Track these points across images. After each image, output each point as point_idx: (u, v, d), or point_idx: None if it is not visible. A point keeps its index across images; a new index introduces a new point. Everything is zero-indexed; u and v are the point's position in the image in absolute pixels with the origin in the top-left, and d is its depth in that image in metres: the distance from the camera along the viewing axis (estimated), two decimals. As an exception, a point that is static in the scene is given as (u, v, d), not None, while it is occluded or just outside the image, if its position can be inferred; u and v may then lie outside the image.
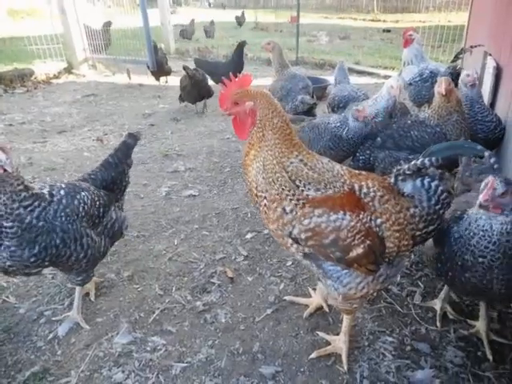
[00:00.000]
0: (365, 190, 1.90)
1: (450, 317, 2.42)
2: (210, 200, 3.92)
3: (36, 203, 2.03)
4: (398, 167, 1.99)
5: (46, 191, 2.16)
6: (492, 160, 1.95)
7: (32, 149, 5.09)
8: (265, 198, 1.87)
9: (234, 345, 2.29)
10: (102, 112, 6.53)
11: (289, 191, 1.82)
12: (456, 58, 5.06)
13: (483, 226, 1.80)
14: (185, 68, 6.03)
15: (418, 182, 1.93)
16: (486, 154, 1.94)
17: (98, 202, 2.36)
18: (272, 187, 1.85)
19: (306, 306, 2.56)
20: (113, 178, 2.59)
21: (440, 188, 1.92)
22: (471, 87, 3.58)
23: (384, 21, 18.32)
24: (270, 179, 1.85)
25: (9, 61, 8.74)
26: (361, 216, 1.83)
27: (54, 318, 2.46)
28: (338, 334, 2.28)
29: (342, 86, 4.92)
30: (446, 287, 2.47)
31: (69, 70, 8.66)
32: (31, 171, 4.43)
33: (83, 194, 2.29)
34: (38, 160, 4.73)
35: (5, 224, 1.94)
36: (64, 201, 2.17)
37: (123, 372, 2.12)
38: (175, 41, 11.47)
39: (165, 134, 5.66)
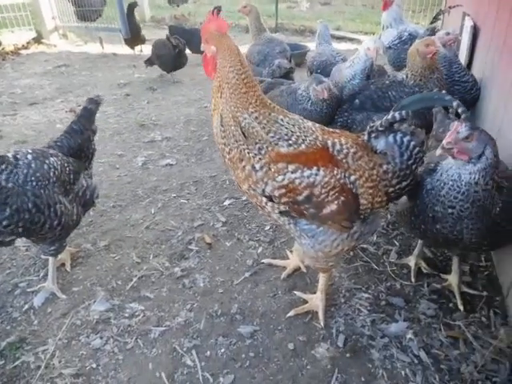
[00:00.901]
0: (338, 146, 1.88)
1: (424, 271, 2.47)
2: (188, 169, 3.87)
3: (2, 166, 2.00)
4: (371, 124, 1.97)
5: (10, 155, 2.11)
6: (460, 109, 1.95)
7: (2, 122, 4.90)
8: (226, 149, 1.87)
9: (213, 307, 2.31)
10: (74, 83, 6.29)
11: (249, 148, 1.81)
12: (435, 19, 4.99)
13: (452, 176, 1.82)
14: (168, 37, 5.84)
15: (391, 138, 1.91)
16: (455, 103, 1.93)
17: (67, 168, 2.32)
18: (229, 141, 1.84)
19: (284, 267, 2.58)
20: (79, 144, 2.53)
21: (412, 143, 1.90)
22: (450, 47, 3.54)
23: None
24: (228, 132, 1.83)
25: (-27, 31, 8.30)
26: (335, 172, 1.82)
27: (29, 290, 2.43)
28: (315, 293, 2.32)
29: (321, 50, 4.81)
30: (419, 244, 2.52)
31: (38, 39, 8.26)
32: (1, 144, 4.28)
33: (52, 159, 2.25)
34: (9, 133, 4.56)
35: None
36: (33, 165, 2.13)
37: (101, 338, 2.12)
38: (150, 8, 11.01)
39: (141, 103, 5.51)
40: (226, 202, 3.32)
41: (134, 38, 7.23)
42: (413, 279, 2.43)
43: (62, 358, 2.02)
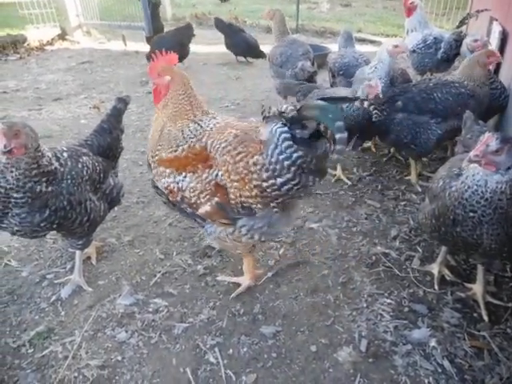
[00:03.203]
0: (214, 144, 1.96)
1: (448, 279, 2.45)
2: (210, 168, 3.89)
3: (46, 178, 2.04)
4: (264, 109, 1.83)
5: (55, 163, 2.12)
6: (338, 147, 1.69)
7: (28, 116, 5.01)
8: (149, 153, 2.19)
9: (235, 306, 2.33)
10: (97, 79, 6.39)
11: (154, 151, 2.12)
12: (461, 23, 4.93)
13: (478, 181, 1.82)
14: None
15: (274, 128, 1.77)
16: (338, 136, 1.66)
17: (98, 167, 2.36)
18: (152, 144, 2.16)
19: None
20: (109, 143, 2.57)
21: (284, 136, 1.73)
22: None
23: (387, -12, 17.72)
24: (153, 138, 2.18)
25: (1, 27, 8.47)
26: (204, 176, 1.94)
27: (56, 281, 2.49)
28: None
29: (343, 52, 4.80)
30: (443, 251, 2.50)
31: (62, 36, 8.40)
32: (28, 138, 4.37)
33: (85, 158, 2.30)
34: (34, 127, 4.63)
35: (15, 195, 1.95)
36: (69, 163, 2.19)
37: (126, 332, 2.16)
38: (171, 7, 11.09)
39: (162, 102, 5.57)
40: (248, 202, 3.34)
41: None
42: (436, 287, 2.42)
43: (89, 349, 2.07)
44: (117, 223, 3.05)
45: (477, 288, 2.32)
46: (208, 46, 8.26)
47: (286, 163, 1.76)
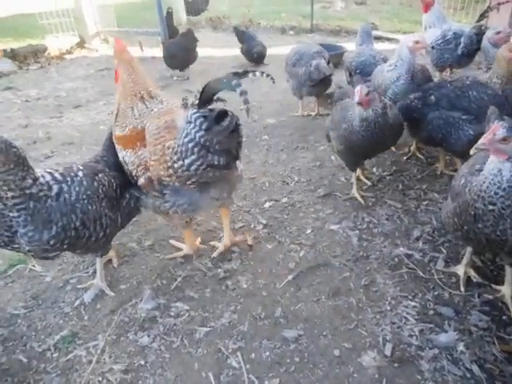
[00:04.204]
0: (149, 127, 2.25)
1: (474, 280, 2.38)
2: (227, 170, 3.89)
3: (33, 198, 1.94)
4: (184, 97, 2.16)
5: (57, 174, 2.10)
6: (243, 98, 1.93)
7: (49, 124, 5.12)
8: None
9: (256, 310, 2.32)
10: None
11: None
12: (482, 17, 4.82)
13: (492, 170, 1.79)
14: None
15: (186, 115, 2.04)
16: (238, 90, 1.89)
17: (114, 183, 2.33)
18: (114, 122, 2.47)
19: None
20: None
21: (190, 120, 1.99)
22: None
23: (403, -16, 17.47)
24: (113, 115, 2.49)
25: (22, 37, 8.71)
26: (139, 152, 2.26)
27: (79, 286, 2.52)
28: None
29: (361, 50, 4.73)
30: (468, 251, 2.43)
31: (81, 44, 8.57)
32: (49, 145, 4.47)
33: (100, 175, 2.27)
34: (56, 134, 4.76)
35: (11, 215, 1.91)
36: (85, 183, 2.15)
37: (149, 336, 2.17)
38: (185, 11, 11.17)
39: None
40: (266, 205, 3.32)
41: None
42: (462, 289, 2.35)
43: (112, 353, 2.08)
44: (137, 227, 3.07)
45: (505, 290, 2.24)
46: (223, 49, 8.29)
47: (190, 145, 2.03)
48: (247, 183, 3.64)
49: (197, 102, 2.02)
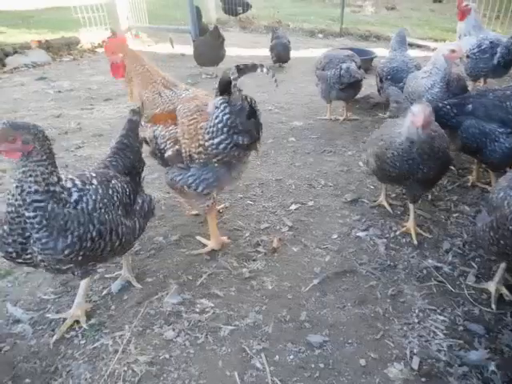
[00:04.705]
0: (180, 109, 2.55)
1: (507, 299, 2.32)
2: (253, 170, 3.90)
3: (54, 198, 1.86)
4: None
5: (74, 182, 2.00)
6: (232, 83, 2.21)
7: (80, 115, 5.22)
8: None
9: (281, 312, 2.30)
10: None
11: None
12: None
13: None
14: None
15: (214, 102, 2.35)
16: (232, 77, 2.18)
17: (127, 189, 2.23)
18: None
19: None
20: (132, 160, 2.39)
21: (217, 105, 2.31)
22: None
23: (435, -9, 17.20)
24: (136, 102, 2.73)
25: (57, 29, 8.91)
26: (170, 128, 2.54)
27: (107, 276, 2.56)
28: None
29: (393, 56, 4.68)
30: (501, 268, 2.37)
31: (114, 35, 8.72)
32: (80, 136, 4.56)
33: (114, 181, 2.16)
34: (87, 126, 4.85)
35: (27, 214, 1.80)
36: (100, 191, 2.04)
37: (174, 330, 2.19)
38: (216, 10, 11.24)
39: (207, 104, 5.64)
40: (292, 207, 3.31)
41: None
42: (493, 306, 2.29)
43: (138, 344, 2.10)
44: (164, 222, 3.10)
45: (539, 310, 2.18)
46: (251, 49, 8.30)
47: (220, 125, 2.35)
48: (273, 184, 3.64)
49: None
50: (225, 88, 2.32)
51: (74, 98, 5.84)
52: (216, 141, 2.38)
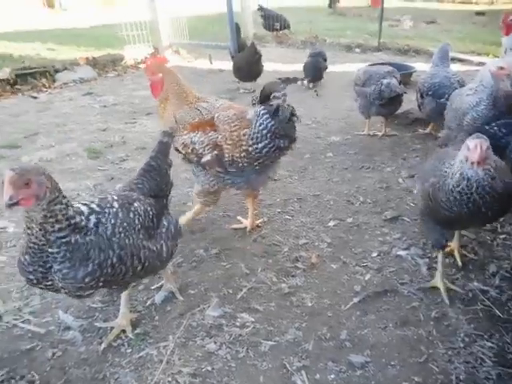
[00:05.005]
0: (220, 116, 2.79)
1: (561, 328, 2.21)
2: (291, 185, 3.93)
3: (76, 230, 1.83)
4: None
5: (94, 205, 1.99)
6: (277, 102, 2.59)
7: (124, 129, 5.45)
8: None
9: (321, 330, 2.30)
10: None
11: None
12: None
13: None
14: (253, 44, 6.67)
15: (256, 110, 2.67)
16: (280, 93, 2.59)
17: (150, 212, 2.16)
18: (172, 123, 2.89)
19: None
20: (158, 183, 2.35)
21: (262, 112, 2.63)
22: None
23: (476, 3, 16.85)
24: (170, 122, 2.90)
25: (103, 47, 9.39)
26: (209, 134, 2.75)
27: (151, 287, 2.64)
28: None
29: (435, 71, 4.61)
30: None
31: (155, 55, 9.07)
32: (124, 149, 4.76)
33: (136, 204, 2.11)
34: (131, 139, 5.06)
35: (50, 250, 1.78)
36: (120, 214, 2.00)
37: (215, 343, 2.23)
38: (254, 26, 11.46)
39: (245, 118, 5.74)
40: (331, 223, 3.31)
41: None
42: (546, 338, 2.19)
43: (181, 356, 2.16)
44: (204, 235, 3.18)
45: None
46: (287, 64, 8.40)
47: (264, 131, 2.63)
48: (311, 200, 3.65)
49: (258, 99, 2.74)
50: (266, 98, 2.65)
51: (118, 113, 6.11)
52: (260, 145, 2.66)
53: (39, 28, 12.74)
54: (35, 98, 6.89)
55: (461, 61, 8.16)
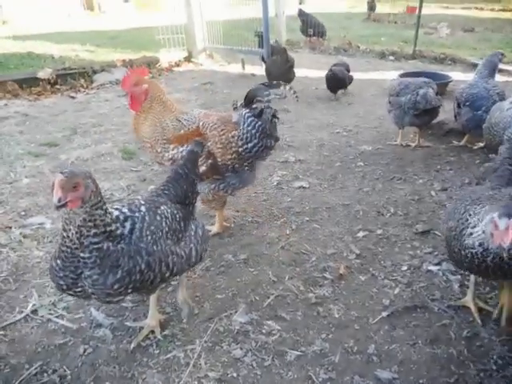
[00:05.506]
0: (205, 124, 2.90)
1: None
2: (320, 194, 3.91)
3: (110, 237, 1.87)
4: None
5: (125, 209, 2.04)
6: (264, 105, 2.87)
7: (157, 131, 5.57)
8: (149, 143, 2.95)
9: (348, 342, 2.28)
10: (217, 99, 6.88)
11: (159, 138, 2.91)
12: None
13: None
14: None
15: (241, 112, 2.89)
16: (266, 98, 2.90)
17: (177, 215, 2.20)
18: (153, 135, 2.91)
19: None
20: (185, 190, 2.38)
21: (248, 115, 2.86)
22: None
23: (517, 11, 16.30)
24: (153, 131, 2.91)
25: (139, 49, 9.64)
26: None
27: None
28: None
29: (475, 82, 4.49)
30: None
31: (188, 58, 9.25)
32: (157, 151, 4.87)
33: (163, 207, 2.16)
34: (163, 141, 5.16)
35: (82, 255, 1.82)
36: (147, 218, 2.03)
37: (241, 349, 2.25)
38: (286, 32, 11.49)
39: (276, 124, 5.75)
40: (360, 234, 3.27)
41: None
42: None
43: (208, 360, 2.19)
44: (233, 240, 3.21)
45: None
46: (318, 70, 8.35)
47: (253, 131, 2.86)
48: (341, 209, 3.63)
49: (243, 103, 2.96)
50: (249, 101, 2.91)
51: (152, 115, 6.25)
52: (250, 145, 2.87)
53: (79, 30, 13.24)
54: (73, 97, 7.15)
55: (500, 71, 7.89)
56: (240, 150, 2.87)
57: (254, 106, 2.88)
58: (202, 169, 2.79)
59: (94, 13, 18.25)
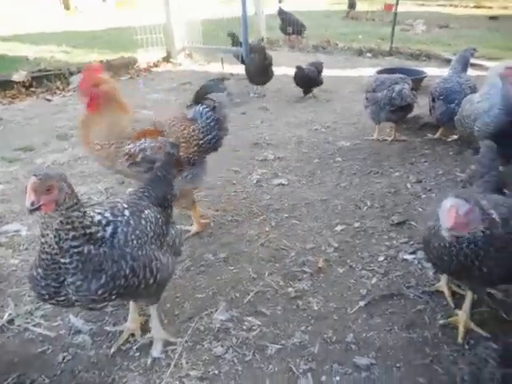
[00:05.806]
0: (162, 122, 2.95)
1: None
2: (299, 190, 3.96)
3: (91, 241, 1.82)
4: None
5: (108, 214, 1.98)
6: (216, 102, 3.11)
7: (136, 132, 5.53)
8: (99, 144, 2.80)
9: (327, 333, 2.33)
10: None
11: (116, 137, 2.81)
12: None
13: None
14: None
15: (197, 108, 3.08)
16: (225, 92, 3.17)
17: (160, 220, 2.18)
18: (109, 135, 2.79)
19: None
20: (164, 192, 2.37)
21: (206, 110, 3.06)
22: None
23: (490, 7, 16.68)
24: (109, 131, 2.79)
25: (117, 50, 9.53)
26: (159, 139, 2.83)
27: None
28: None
29: (448, 76, 4.61)
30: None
31: (167, 58, 9.17)
32: (136, 153, 4.84)
33: (147, 211, 2.12)
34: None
35: (62, 261, 1.76)
36: (132, 222, 1.99)
37: (222, 346, 2.26)
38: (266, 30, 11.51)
39: (255, 122, 5.77)
40: (338, 228, 3.33)
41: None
42: None
43: (189, 359, 2.20)
44: (213, 239, 3.23)
45: None
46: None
47: (212, 124, 3.07)
48: (319, 204, 3.68)
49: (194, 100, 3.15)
50: (201, 98, 3.09)
51: (131, 117, 6.20)
52: (209, 137, 3.07)
53: (54, 30, 12.96)
54: (49, 100, 7.02)
55: (472, 65, 8.07)
56: (201, 142, 3.05)
57: (206, 102, 3.07)
58: None
59: (71, 12, 17.91)
